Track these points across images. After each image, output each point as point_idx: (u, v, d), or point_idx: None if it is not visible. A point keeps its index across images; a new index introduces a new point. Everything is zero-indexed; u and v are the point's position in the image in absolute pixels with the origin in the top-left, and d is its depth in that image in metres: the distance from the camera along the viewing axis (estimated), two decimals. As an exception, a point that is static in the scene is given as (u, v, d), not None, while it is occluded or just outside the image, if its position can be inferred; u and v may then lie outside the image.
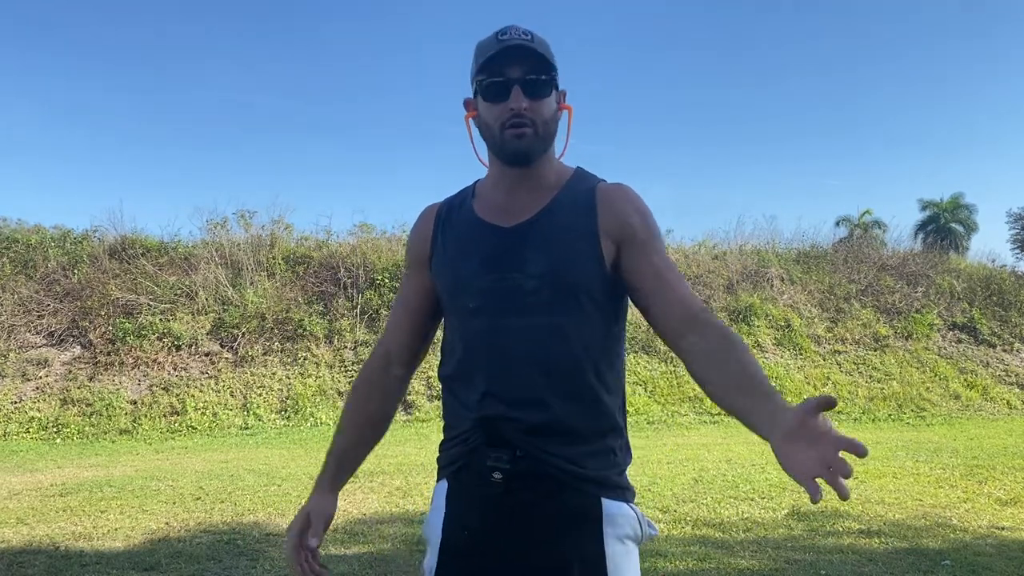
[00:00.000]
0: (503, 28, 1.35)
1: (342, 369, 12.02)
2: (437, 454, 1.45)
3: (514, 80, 1.32)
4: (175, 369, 11.64)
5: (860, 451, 0.99)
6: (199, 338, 12.08)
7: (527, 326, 1.31)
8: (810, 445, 1.01)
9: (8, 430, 10.24)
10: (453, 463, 1.38)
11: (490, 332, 1.33)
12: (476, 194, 1.46)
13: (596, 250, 1.34)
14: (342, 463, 1.51)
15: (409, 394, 11.51)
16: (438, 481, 1.43)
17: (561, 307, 1.32)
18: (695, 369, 1.27)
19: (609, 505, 1.32)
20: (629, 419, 1.41)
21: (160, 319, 12.08)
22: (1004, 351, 14.44)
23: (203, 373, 11.65)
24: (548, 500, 1.30)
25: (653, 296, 1.33)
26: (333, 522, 1.49)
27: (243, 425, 10.73)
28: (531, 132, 1.33)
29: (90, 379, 11.24)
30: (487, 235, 1.38)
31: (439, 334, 1.53)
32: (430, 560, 1.37)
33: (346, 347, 12.43)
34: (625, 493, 1.37)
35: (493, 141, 1.38)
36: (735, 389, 1.18)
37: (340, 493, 1.54)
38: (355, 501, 5.64)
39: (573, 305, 1.32)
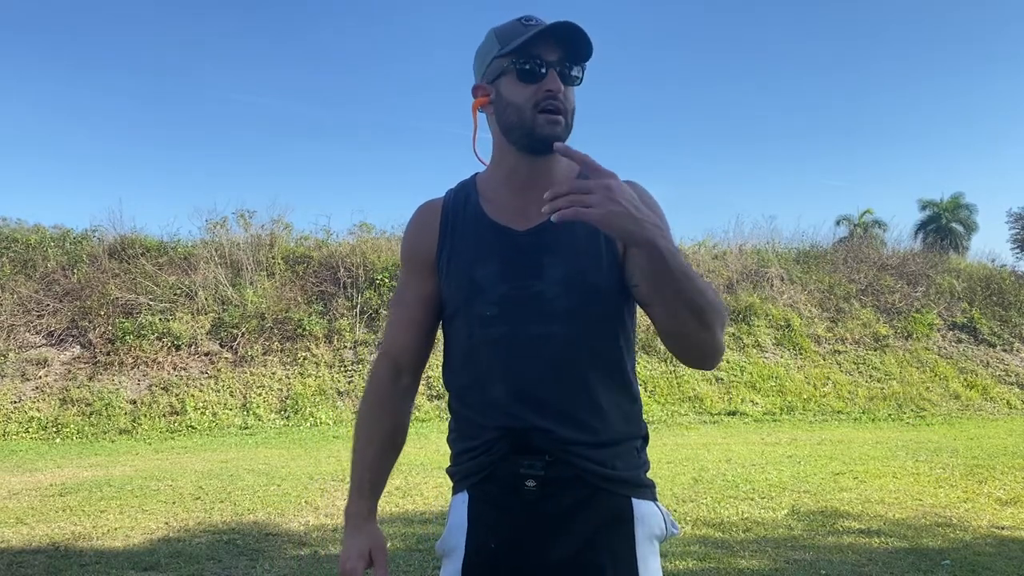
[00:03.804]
0: (527, 15, 1.30)
1: (342, 369, 12.02)
2: (450, 466, 1.39)
3: (553, 63, 1.27)
4: (175, 369, 11.64)
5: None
6: (199, 338, 12.08)
7: (547, 334, 1.28)
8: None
9: (8, 430, 10.23)
10: (476, 473, 1.32)
11: (509, 341, 1.29)
12: (480, 191, 1.39)
13: (613, 252, 1.31)
14: (376, 486, 1.42)
15: (409, 394, 11.49)
16: (455, 493, 1.37)
17: (581, 314, 1.29)
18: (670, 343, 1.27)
19: (639, 505, 1.31)
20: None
21: (160, 319, 12.08)
22: (1004, 351, 14.43)
23: (203, 373, 11.65)
24: (582, 504, 1.28)
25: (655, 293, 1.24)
26: (332, 521, 1.47)
27: (243, 425, 10.73)
28: (563, 122, 1.28)
29: (90, 379, 11.24)
30: (502, 239, 1.33)
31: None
32: (453, 574, 1.32)
33: (346, 347, 12.42)
34: (652, 491, 1.36)
35: (522, 124, 1.28)
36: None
37: (338, 492, 1.50)
38: (355, 501, 5.63)
39: (592, 311, 1.29)
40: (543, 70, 1.26)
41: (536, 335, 1.28)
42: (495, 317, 1.30)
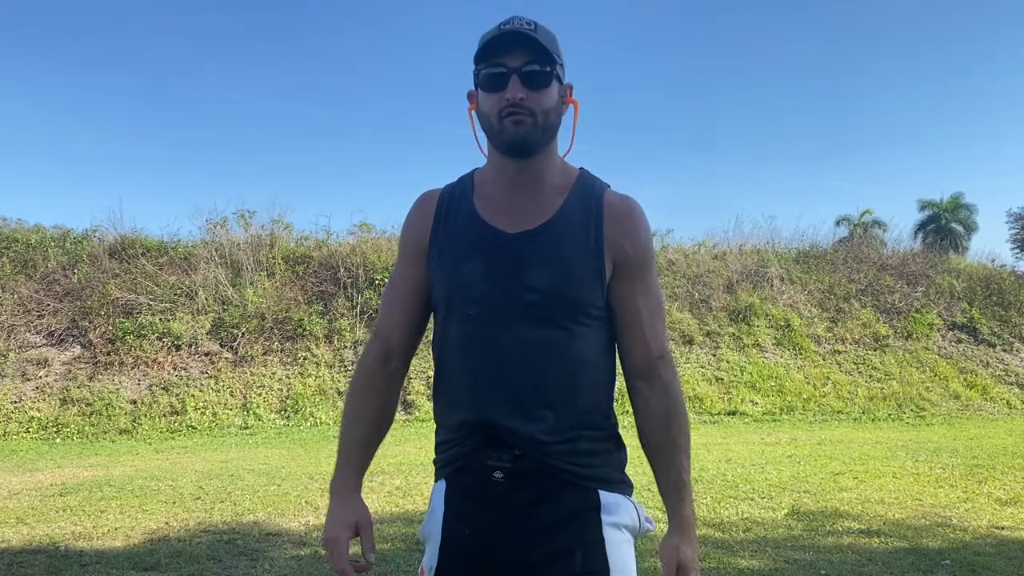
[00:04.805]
0: (507, 18, 1.33)
1: (342, 369, 12.02)
2: (434, 455, 1.45)
3: (512, 70, 1.30)
4: (175, 369, 11.64)
5: None
6: (199, 338, 12.08)
7: (523, 339, 1.31)
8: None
9: (8, 430, 10.24)
10: (451, 464, 1.38)
11: (485, 341, 1.32)
12: (476, 187, 1.43)
13: (599, 267, 1.34)
14: (362, 463, 1.44)
15: (409, 394, 11.51)
16: (436, 481, 1.43)
17: (560, 322, 1.32)
18: (636, 417, 1.40)
19: (607, 496, 1.35)
20: (629, 419, 1.42)
21: (160, 319, 12.08)
22: (1004, 351, 14.43)
23: (203, 373, 11.65)
24: (550, 497, 1.31)
25: (624, 329, 1.37)
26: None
27: (243, 425, 10.73)
28: (530, 122, 1.31)
29: (90, 379, 11.24)
30: (489, 239, 1.36)
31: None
32: (430, 559, 1.37)
33: (346, 347, 12.43)
34: (623, 487, 1.39)
35: (492, 131, 1.35)
36: (657, 462, 1.40)
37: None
38: (355, 501, 5.62)
39: (572, 321, 1.32)
40: (504, 78, 1.30)
41: (511, 338, 1.31)
42: (475, 316, 1.33)
